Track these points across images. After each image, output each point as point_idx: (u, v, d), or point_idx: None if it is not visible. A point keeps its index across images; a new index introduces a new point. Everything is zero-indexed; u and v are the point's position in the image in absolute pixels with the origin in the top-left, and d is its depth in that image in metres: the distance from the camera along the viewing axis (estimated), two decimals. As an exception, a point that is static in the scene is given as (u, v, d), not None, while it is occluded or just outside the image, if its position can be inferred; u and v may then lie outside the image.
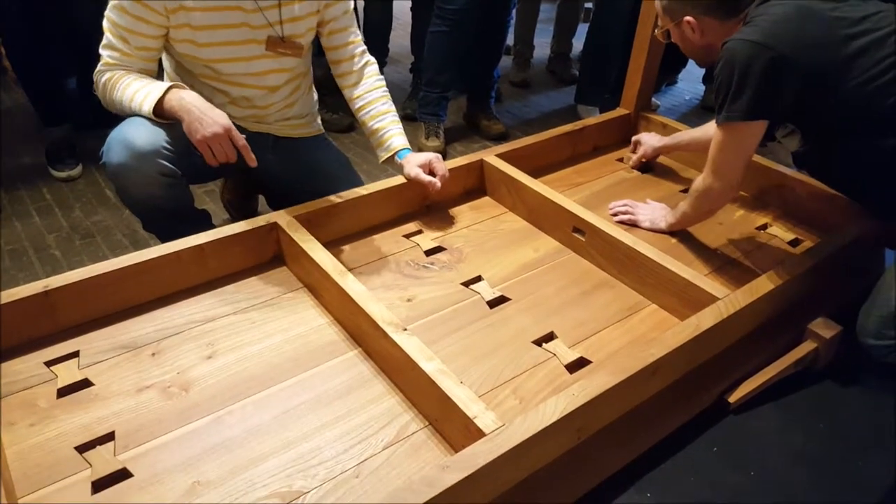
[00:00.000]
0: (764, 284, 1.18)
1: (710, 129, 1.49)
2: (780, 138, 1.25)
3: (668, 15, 1.30)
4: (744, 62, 1.12)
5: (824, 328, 1.19)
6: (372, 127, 1.44)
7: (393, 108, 1.46)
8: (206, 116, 1.16)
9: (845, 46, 1.11)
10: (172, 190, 1.28)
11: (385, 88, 1.47)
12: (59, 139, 2.04)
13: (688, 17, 1.25)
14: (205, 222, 1.47)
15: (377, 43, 2.66)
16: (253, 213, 1.75)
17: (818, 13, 1.13)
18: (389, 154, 1.44)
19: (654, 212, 1.51)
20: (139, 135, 1.22)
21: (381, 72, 2.68)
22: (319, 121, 1.59)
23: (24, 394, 1.04)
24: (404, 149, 1.43)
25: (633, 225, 1.50)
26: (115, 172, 1.23)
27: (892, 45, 1.09)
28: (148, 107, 1.21)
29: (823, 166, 1.27)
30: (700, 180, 1.32)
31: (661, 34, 1.34)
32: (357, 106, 1.45)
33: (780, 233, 1.52)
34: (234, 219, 1.68)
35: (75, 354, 1.11)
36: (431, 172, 1.40)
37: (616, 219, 1.52)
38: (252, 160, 1.21)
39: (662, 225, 1.48)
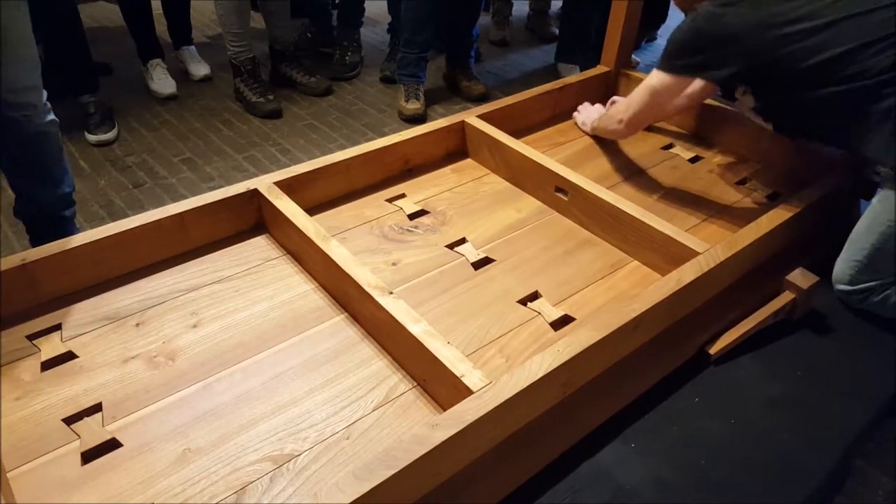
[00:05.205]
0: (743, 238, 1.20)
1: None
2: (738, 96, 1.31)
3: None
4: (699, 28, 1.24)
5: (802, 279, 1.21)
6: None
7: None
8: None
9: (782, 21, 1.17)
10: None
11: None
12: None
13: None
14: None
15: (353, 3, 2.60)
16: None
17: None
18: None
19: (589, 115, 1.72)
20: None
21: (358, 33, 2.64)
22: None
23: (7, 368, 1.03)
24: None
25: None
26: None
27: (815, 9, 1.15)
28: None
29: (778, 118, 1.33)
30: (616, 106, 1.52)
31: None
32: None
33: (759, 187, 1.54)
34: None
35: (57, 327, 1.10)
36: None
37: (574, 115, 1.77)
38: None
39: (587, 129, 1.70)
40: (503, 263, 1.29)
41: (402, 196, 1.47)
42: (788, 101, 1.25)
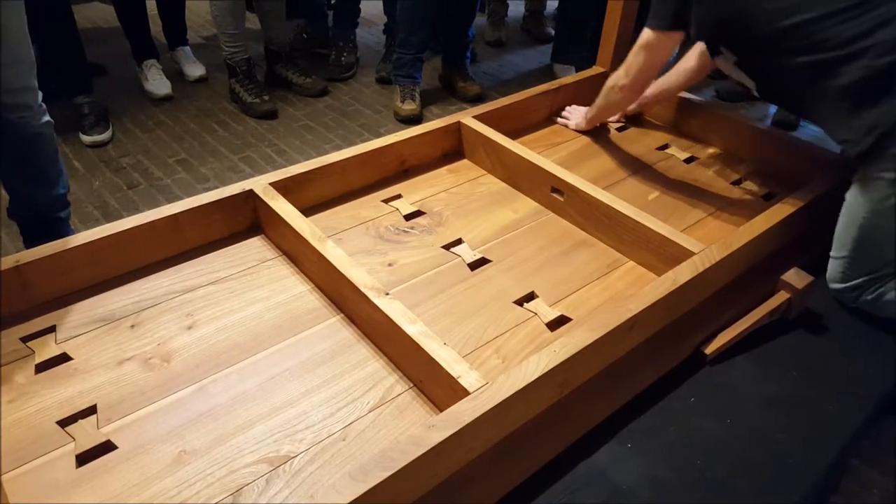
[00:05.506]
0: (738, 238, 1.20)
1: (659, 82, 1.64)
2: (723, 50, 1.32)
3: None
4: None
5: (796, 278, 1.21)
6: None
7: None
8: None
9: None
10: None
11: None
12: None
13: None
14: None
15: (349, 3, 2.60)
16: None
17: None
18: None
19: (579, 114, 1.71)
20: None
21: (354, 33, 2.64)
22: None
23: (1, 370, 1.03)
24: None
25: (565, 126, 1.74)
26: None
27: None
28: None
29: (758, 81, 1.34)
30: (612, 76, 1.51)
31: None
32: None
33: (754, 187, 1.54)
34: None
35: (52, 329, 1.10)
36: None
37: (559, 121, 1.76)
38: None
39: (583, 124, 1.68)
40: (499, 264, 1.29)
41: (399, 197, 1.47)
42: (763, 66, 1.26)
